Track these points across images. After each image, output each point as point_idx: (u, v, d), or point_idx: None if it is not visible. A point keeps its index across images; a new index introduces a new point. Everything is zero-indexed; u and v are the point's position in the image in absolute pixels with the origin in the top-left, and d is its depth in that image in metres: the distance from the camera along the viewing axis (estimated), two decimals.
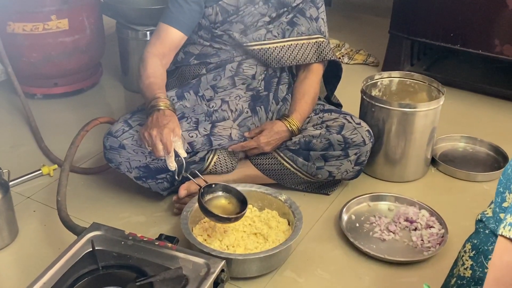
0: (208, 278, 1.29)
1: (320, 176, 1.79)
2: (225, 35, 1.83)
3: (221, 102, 1.79)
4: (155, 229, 1.70)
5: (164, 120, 1.52)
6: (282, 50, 1.83)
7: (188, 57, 1.89)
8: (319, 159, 1.77)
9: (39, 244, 1.65)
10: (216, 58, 1.86)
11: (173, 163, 1.50)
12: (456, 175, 1.99)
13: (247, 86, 1.84)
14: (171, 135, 1.49)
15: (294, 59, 1.84)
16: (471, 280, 1.12)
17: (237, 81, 1.84)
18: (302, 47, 1.84)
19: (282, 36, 1.84)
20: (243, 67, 1.84)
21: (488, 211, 1.19)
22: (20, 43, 2.31)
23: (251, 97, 1.83)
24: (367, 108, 1.93)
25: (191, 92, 1.82)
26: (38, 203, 1.83)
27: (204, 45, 1.87)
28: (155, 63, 1.74)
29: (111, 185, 1.91)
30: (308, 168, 1.78)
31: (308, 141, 1.76)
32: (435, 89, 1.98)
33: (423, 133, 1.90)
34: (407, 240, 1.66)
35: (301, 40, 1.85)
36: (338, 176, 1.80)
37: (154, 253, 1.36)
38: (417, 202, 1.78)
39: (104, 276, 1.30)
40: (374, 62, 2.89)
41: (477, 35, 2.38)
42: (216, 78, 1.84)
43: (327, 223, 1.75)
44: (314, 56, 1.86)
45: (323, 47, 1.87)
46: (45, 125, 2.23)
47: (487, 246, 1.12)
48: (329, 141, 1.74)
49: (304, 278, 1.53)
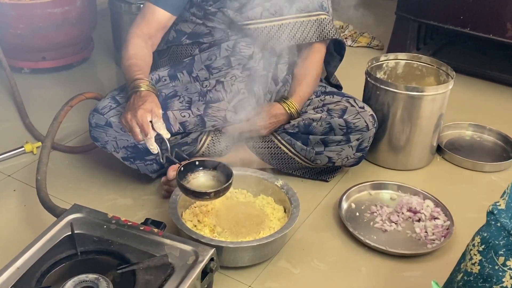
0: (195, 267, 1.20)
1: (319, 161, 1.71)
2: (219, 12, 1.71)
3: (216, 82, 1.70)
4: (142, 213, 1.63)
5: (139, 101, 1.44)
6: (280, 29, 1.71)
7: (180, 36, 1.77)
8: (318, 143, 1.68)
9: (17, 225, 1.57)
10: (210, 38, 1.74)
11: (153, 145, 1.41)
12: (463, 165, 1.91)
13: (244, 65, 1.73)
14: (148, 116, 1.40)
15: (292, 38, 1.72)
16: (479, 277, 1.03)
17: (233, 61, 1.73)
18: (302, 25, 1.72)
19: (280, 14, 1.71)
20: (240, 46, 1.73)
21: (500, 202, 1.09)
22: (6, 13, 2.23)
23: (248, 78, 1.72)
24: (371, 91, 1.83)
25: (184, 72, 1.72)
26: (19, 182, 1.75)
27: (196, 23, 1.75)
28: (138, 44, 1.66)
29: (97, 165, 1.83)
30: (307, 153, 1.69)
31: (308, 124, 1.67)
32: (444, 73, 1.88)
33: (429, 119, 1.81)
34: (410, 232, 1.59)
35: (300, 18, 1.72)
36: (338, 162, 1.72)
37: (139, 239, 1.28)
38: (421, 192, 1.70)
39: (82, 262, 1.22)
40: (379, 46, 2.83)
41: (488, 18, 2.29)
42: (211, 58, 1.73)
43: (326, 211, 1.68)
44: (315, 35, 1.74)
45: (325, 25, 1.74)
46: (31, 101, 2.17)
47: (498, 241, 1.03)
48: (330, 125, 1.66)
49: (299, 269, 1.46)
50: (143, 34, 1.67)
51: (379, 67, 1.95)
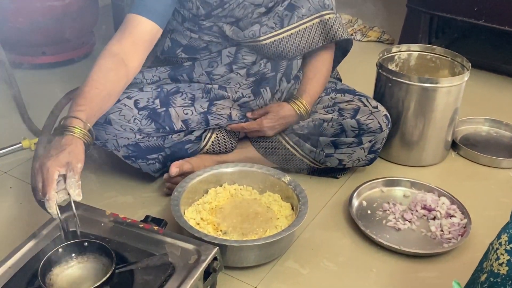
0: (198, 267, 1.14)
1: (329, 164, 1.64)
2: (215, 26, 1.60)
3: (219, 87, 1.61)
4: (143, 211, 1.56)
5: (56, 149, 1.17)
6: (281, 43, 1.58)
7: (175, 47, 1.65)
8: (328, 145, 1.60)
9: (12, 224, 1.51)
10: (207, 52, 1.63)
11: (52, 209, 1.12)
12: (479, 161, 1.83)
13: (247, 70, 1.63)
14: (58, 171, 1.13)
15: (297, 49, 1.60)
16: (508, 278, 0.96)
17: (235, 69, 1.63)
18: (305, 33, 1.59)
19: (281, 25, 1.58)
20: (242, 53, 1.62)
21: None
22: (5, 6, 2.20)
23: (253, 83, 1.63)
24: (383, 84, 1.75)
25: (184, 75, 1.64)
26: (16, 179, 1.69)
27: (191, 37, 1.63)
28: (105, 67, 1.39)
29: (97, 163, 1.75)
30: (316, 155, 1.62)
31: (318, 126, 1.59)
32: (459, 64, 1.80)
33: (444, 113, 1.73)
34: (425, 230, 1.51)
35: (302, 25, 1.59)
36: (349, 164, 1.65)
37: (138, 237, 1.21)
38: (436, 189, 1.62)
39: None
40: (389, 40, 2.76)
41: (504, 9, 2.20)
42: (212, 65, 1.63)
43: (335, 209, 1.60)
44: (322, 38, 1.61)
45: (331, 25, 1.60)
46: (30, 97, 2.10)
47: None
48: (342, 126, 1.58)
49: (308, 269, 1.38)
50: (119, 52, 1.43)
51: (390, 59, 1.87)
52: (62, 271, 1.11)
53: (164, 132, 1.55)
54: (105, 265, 1.11)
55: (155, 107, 1.54)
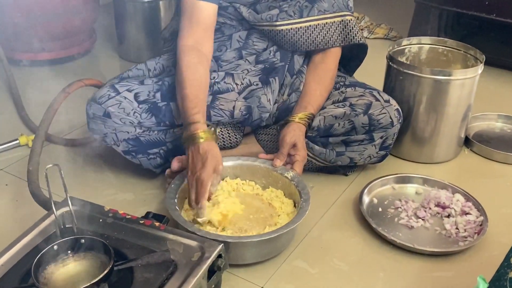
0: (201, 264, 1.07)
1: (340, 162, 1.58)
2: (231, 7, 1.57)
3: (225, 75, 1.56)
4: (144, 208, 1.49)
5: (200, 161, 1.30)
6: (297, 33, 1.55)
7: None
8: (339, 144, 1.55)
9: (7, 221, 1.45)
10: (219, 34, 1.60)
11: (202, 215, 1.30)
12: (493, 157, 1.77)
13: (256, 57, 1.59)
14: (209, 183, 1.28)
15: (312, 43, 1.56)
16: None
17: (244, 54, 1.59)
18: (324, 28, 1.55)
19: (300, 15, 1.55)
20: (253, 39, 1.59)
21: None
22: (3, 1, 2.15)
23: (262, 70, 1.57)
24: (393, 78, 1.69)
25: None
26: (12, 176, 1.63)
27: None
28: (192, 64, 1.44)
29: (97, 159, 1.71)
30: (327, 156, 1.56)
31: (329, 127, 1.52)
32: (472, 57, 1.74)
33: (457, 107, 1.67)
34: (439, 228, 1.44)
35: (323, 20, 1.55)
36: (360, 162, 1.59)
37: (138, 233, 1.15)
38: (449, 185, 1.56)
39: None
40: (397, 37, 2.72)
41: None
42: (221, 49, 1.59)
43: (345, 207, 1.54)
44: (339, 39, 1.57)
45: (351, 27, 1.56)
46: (29, 94, 2.08)
47: None
48: (353, 125, 1.51)
49: (317, 269, 1.32)
50: (194, 43, 1.47)
51: (400, 52, 1.81)
52: (58, 268, 1.04)
53: (165, 126, 1.50)
54: (103, 262, 1.04)
55: (155, 100, 1.49)
